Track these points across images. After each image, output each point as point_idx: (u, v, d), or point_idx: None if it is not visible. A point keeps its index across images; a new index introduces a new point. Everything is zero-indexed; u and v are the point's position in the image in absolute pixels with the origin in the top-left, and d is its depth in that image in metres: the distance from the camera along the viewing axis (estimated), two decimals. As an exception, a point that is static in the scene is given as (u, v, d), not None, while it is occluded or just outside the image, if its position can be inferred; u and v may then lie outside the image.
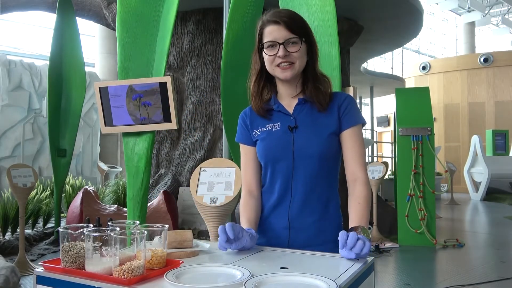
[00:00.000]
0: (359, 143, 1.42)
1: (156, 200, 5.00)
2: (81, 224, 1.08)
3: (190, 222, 5.37)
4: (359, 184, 1.40)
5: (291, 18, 1.38)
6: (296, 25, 1.37)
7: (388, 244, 5.27)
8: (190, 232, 1.31)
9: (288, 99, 1.46)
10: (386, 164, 7.05)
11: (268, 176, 1.46)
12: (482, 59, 13.72)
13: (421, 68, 14.69)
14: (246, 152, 1.52)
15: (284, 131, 1.42)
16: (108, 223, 1.14)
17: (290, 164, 1.40)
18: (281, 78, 1.41)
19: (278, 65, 1.38)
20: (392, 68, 18.45)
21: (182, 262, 1.11)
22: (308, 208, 1.40)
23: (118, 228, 1.06)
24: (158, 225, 1.15)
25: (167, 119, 3.06)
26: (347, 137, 1.41)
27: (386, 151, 17.60)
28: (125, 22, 3.12)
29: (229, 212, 2.92)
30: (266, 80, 1.48)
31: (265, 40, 1.39)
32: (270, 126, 1.45)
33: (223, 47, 3.31)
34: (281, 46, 1.35)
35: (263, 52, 1.41)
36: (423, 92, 5.92)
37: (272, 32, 1.37)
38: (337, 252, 1.21)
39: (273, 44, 1.37)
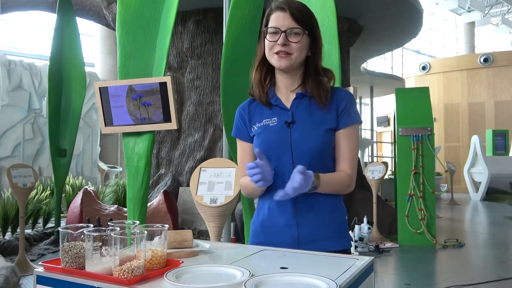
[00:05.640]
0: (353, 144, 1.41)
1: (156, 200, 5.00)
2: (81, 224, 1.09)
3: (190, 222, 5.37)
4: (345, 174, 1.40)
5: (299, 9, 1.37)
6: (302, 17, 1.36)
7: (388, 244, 5.27)
8: (190, 232, 1.30)
9: (286, 93, 1.44)
10: (386, 164, 7.05)
11: None
12: (482, 59, 13.71)
13: (421, 68, 14.69)
14: (243, 148, 1.51)
15: (281, 126, 1.40)
16: (108, 223, 1.14)
17: (290, 159, 1.38)
18: (277, 67, 1.40)
19: (276, 53, 1.37)
20: (392, 68, 18.43)
21: (182, 262, 1.11)
22: (311, 204, 1.38)
23: (118, 228, 1.06)
24: (158, 225, 1.15)
25: (167, 119, 3.06)
26: (342, 136, 1.39)
27: (386, 151, 17.60)
28: (125, 22, 3.12)
29: (229, 212, 2.92)
30: (269, 68, 1.46)
31: (269, 25, 1.38)
32: (267, 121, 1.43)
33: (223, 47, 3.30)
34: (283, 34, 1.35)
35: (265, 38, 1.40)
36: (423, 92, 5.92)
37: (277, 19, 1.36)
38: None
39: (276, 31, 1.36)
